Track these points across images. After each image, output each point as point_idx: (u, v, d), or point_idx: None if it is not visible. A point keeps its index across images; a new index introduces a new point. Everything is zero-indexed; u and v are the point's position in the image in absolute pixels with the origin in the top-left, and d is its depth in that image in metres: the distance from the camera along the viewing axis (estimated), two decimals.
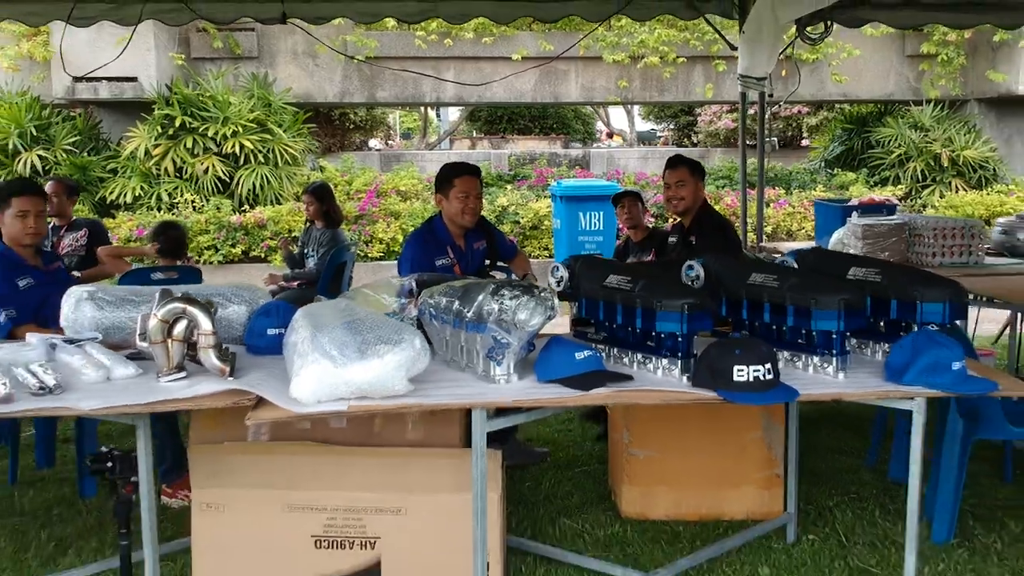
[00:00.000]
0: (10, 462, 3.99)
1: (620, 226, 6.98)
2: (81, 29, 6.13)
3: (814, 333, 2.43)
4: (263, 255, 9.14)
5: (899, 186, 10.59)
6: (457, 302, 2.49)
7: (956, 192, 10.36)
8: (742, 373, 2.27)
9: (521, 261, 4.42)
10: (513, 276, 4.33)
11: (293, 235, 9.01)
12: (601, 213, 8.65)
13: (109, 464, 2.79)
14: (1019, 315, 5.22)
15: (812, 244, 6.26)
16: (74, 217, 5.82)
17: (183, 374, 2.44)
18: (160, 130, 9.71)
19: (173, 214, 9.31)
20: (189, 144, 9.62)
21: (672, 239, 4.56)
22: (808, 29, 6.36)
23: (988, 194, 10.14)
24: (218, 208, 9.40)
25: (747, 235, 6.77)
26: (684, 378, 2.39)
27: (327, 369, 2.23)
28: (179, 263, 4.86)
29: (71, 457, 4.19)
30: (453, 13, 6.10)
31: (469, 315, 2.42)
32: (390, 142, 23.02)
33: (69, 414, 2.34)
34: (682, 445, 3.40)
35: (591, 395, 2.34)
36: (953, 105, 11.52)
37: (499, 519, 2.75)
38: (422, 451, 2.78)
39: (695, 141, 18.57)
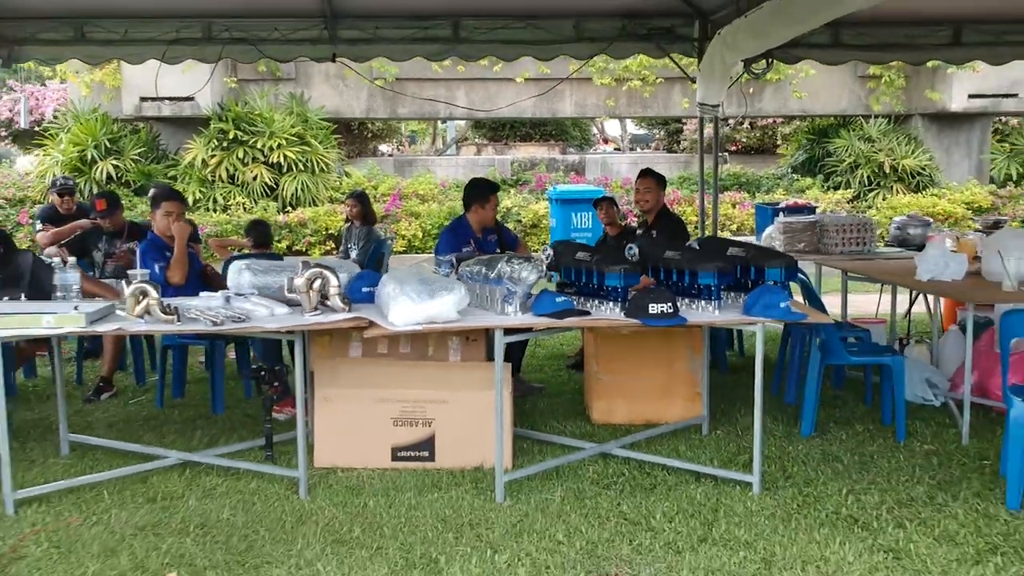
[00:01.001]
0: (158, 391, 5.52)
1: None
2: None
3: (700, 286, 3.97)
4: (304, 249, 10.67)
5: (849, 190, 12.14)
6: (484, 268, 4.02)
7: (896, 195, 11.91)
8: (654, 308, 3.79)
9: (521, 248, 5.93)
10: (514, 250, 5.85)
11: (330, 232, 10.55)
12: (590, 213, 10.17)
13: (262, 373, 4.36)
14: (897, 289, 6.71)
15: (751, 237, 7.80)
16: None
17: (319, 312, 3.97)
18: (215, 142, 11.27)
19: (227, 215, 10.85)
20: (240, 155, 11.18)
21: (638, 232, 6.10)
22: (753, 65, 7.88)
23: (923, 197, 11.68)
24: (265, 209, 10.95)
25: (704, 230, 8.28)
26: (621, 313, 3.91)
27: (410, 305, 3.75)
28: (266, 251, 6.39)
29: (195, 392, 5.74)
30: (468, 52, 7.60)
31: (492, 275, 3.96)
32: (400, 147, 24.55)
33: (258, 331, 3.86)
34: (633, 372, 4.91)
35: (564, 322, 3.87)
36: (899, 119, 13.06)
37: (509, 409, 4.26)
38: (460, 364, 4.32)
39: (682, 147, 20.08)
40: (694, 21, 7.41)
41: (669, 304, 3.82)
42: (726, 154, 17.07)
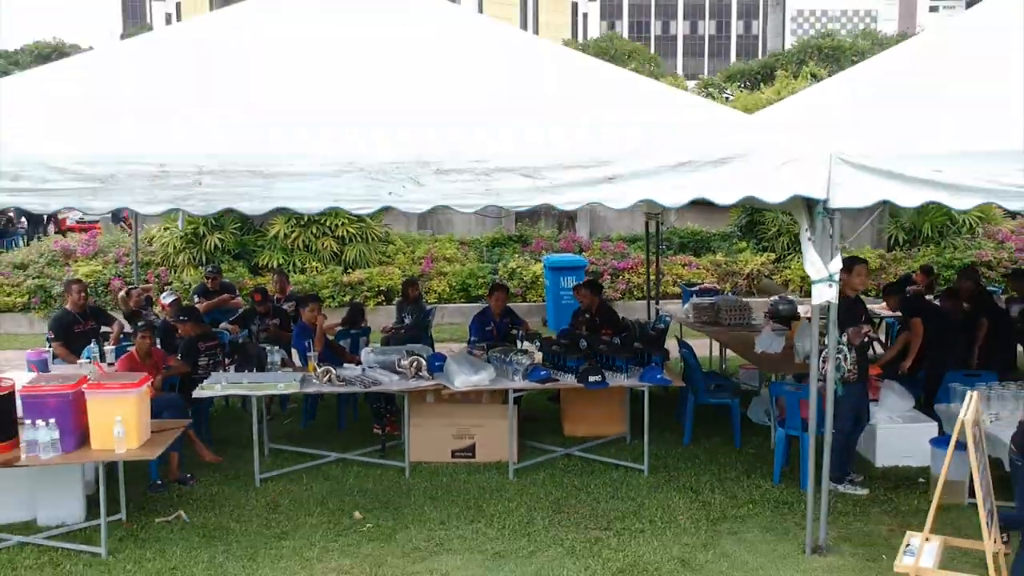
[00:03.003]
0: (303, 416, 8.86)
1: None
2: None
3: (618, 365, 7.32)
4: (361, 301, 14.01)
5: (773, 254, 15.48)
6: (502, 354, 7.40)
7: None
8: (592, 378, 7.15)
9: (525, 325, 9.29)
10: (522, 332, 9.18)
11: (380, 288, 13.88)
12: (573, 277, 13.49)
13: (379, 408, 7.74)
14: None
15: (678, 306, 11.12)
16: (287, 291, 10.75)
17: (416, 378, 7.32)
18: (294, 220, 14.64)
19: (304, 275, 14.20)
20: (314, 230, 14.54)
21: (587, 315, 9.41)
22: None
23: None
24: (333, 271, 14.32)
25: (650, 288, 11.51)
26: (576, 380, 7.26)
27: (465, 377, 7.11)
28: (361, 326, 9.74)
29: (321, 416, 9.06)
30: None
31: (506, 359, 7.33)
32: None
33: (386, 390, 7.22)
34: (588, 406, 8.23)
35: (545, 385, 7.21)
36: None
37: (516, 430, 7.58)
38: (489, 404, 7.67)
39: None
40: None
41: (600, 376, 7.18)
42: (665, 243, 20.32)
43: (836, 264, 5.47)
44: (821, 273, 5.45)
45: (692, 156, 5.29)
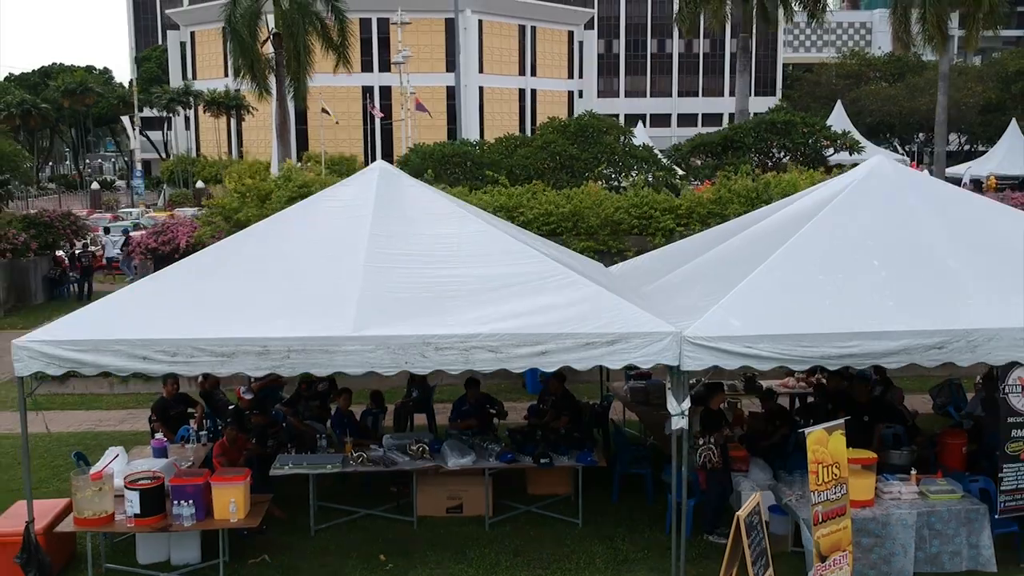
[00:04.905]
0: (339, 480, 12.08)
1: None
2: None
3: (563, 450, 10.53)
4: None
5: None
6: (480, 441, 10.63)
7: None
8: (542, 460, 10.36)
9: (500, 406, 12.49)
10: (496, 410, 12.38)
11: None
12: None
13: (395, 475, 11.02)
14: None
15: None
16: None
17: (421, 460, 10.52)
18: None
19: None
20: None
21: (553, 397, 12.61)
22: None
23: None
24: None
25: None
26: (532, 461, 10.47)
27: (455, 459, 10.31)
28: (381, 406, 12.91)
29: (351, 480, 12.26)
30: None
31: (484, 444, 10.56)
32: None
33: (401, 469, 10.44)
34: (546, 473, 11.40)
35: (511, 466, 10.41)
36: None
37: (491, 494, 10.75)
38: (471, 476, 10.87)
39: None
40: None
41: (549, 459, 10.40)
42: None
43: (686, 404, 8.64)
44: (676, 410, 8.62)
45: (593, 339, 8.48)
